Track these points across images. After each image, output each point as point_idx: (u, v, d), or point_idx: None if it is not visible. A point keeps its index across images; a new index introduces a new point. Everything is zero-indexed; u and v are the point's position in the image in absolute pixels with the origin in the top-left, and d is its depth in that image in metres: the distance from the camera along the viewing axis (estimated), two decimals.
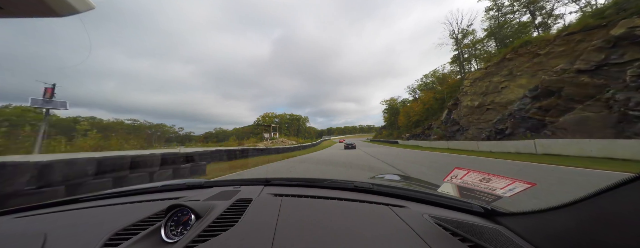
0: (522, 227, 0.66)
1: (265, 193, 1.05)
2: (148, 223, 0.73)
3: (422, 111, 45.19)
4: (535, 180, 5.26)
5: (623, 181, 0.41)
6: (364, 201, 0.92)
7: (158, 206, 0.89)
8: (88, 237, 0.66)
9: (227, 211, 0.79)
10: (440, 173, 6.81)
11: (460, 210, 0.87)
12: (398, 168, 8.48)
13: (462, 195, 1.03)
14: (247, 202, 0.89)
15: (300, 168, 10.00)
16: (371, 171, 8.17)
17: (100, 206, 1.01)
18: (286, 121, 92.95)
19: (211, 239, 0.60)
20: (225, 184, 1.27)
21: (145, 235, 0.64)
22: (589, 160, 8.38)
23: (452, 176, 1.16)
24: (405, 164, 9.87)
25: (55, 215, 0.92)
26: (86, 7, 0.45)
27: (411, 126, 49.12)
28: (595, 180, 5.04)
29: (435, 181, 1.78)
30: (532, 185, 0.86)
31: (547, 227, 0.56)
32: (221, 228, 0.66)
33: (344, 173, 7.54)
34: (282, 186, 1.21)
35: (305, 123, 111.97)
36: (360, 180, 1.20)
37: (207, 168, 9.58)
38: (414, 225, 0.69)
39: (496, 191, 0.93)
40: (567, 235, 0.51)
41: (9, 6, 0.40)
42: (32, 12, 0.42)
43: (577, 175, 5.59)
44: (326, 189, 1.14)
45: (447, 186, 1.15)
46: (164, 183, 1.33)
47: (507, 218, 0.74)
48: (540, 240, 0.58)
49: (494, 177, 0.99)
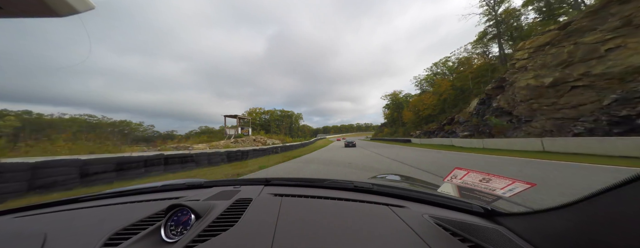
0: (522, 227, 0.66)
1: (265, 193, 1.06)
2: (148, 223, 0.74)
3: (435, 103, 36.95)
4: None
5: (623, 181, 0.41)
6: (364, 201, 0.93)
7: (158, 206, 0.91)
8: (88, 237, 0.67)
9: (227, 211, 0.80)
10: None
11: (460, 210, 0.87)
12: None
13: (462, 195, 1.04)
14: (247, 202, 0.91)
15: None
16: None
17: (100, 206, 1.01)
18: (276, 118, 76.76)
19: (211, 239, 0.61)
20: (225, 184, 1.29)
21: (145, 235, 0.64)
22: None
23: (452, 176, 1.16)
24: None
25: (55, 214, 0.93)
26: (86, 7, 0.45)
27: (420, 121, 41.37)
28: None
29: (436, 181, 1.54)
30: (532, 185, 0.85)
31: (547, 227, 0.57)
32: (221, 228, 0.67)
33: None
34: (282, 186, 1.22)
35: (298, 121, 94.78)
36: (360, 180, 1.20)
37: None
38: (414, 225, 0.69)
39: (496, 192, 0.93)
40: (567, 235, 0.51)
41: (9, 6, 0.40)
42: (32, 12, 0.42)
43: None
44: (326, 189, 1.14)
45: (447, 186, 1.15)
46: (164, 183, 1.35)
47: (507, 218, 0.75)
48: (540, 240, 0.58)
49: (493, 177, 1.00)
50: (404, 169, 7.48)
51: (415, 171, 6.94)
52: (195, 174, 8.53)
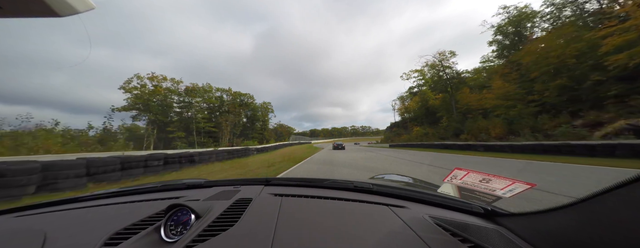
0: (522, 227, 0.67)
1: (265, 193, 1.05)
2: (148, 223, 0.74)
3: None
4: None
5: (623, 182, 0.41)
6: (364, 201, 0.92)
7: (158, 206, 0.91)
8: (88, 237, 0.67)
9: (227, 211, 0.80)
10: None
11: (461, 211, 0.87)
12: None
13: (462, 196, 1.03)
14: (247, 202, 0.91)
15: None
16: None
17: (100, 206, 1.01)
18: (211, 104, 42.37)
19: (211, 239, 0.61)
20: (225, 184, 1.28)
21: (145, 235, 0.64)
22: None
23: (452, 176, 1.15)
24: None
25: (54, 214, 0.93)
26: (86, 7, 0.45)
27: (527, 113, 17.89)
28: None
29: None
30: (532, 186, 0.86)
31: (547, 228, 0.57)
32: (221, 228, 0.67)
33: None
34: (282, 186, 1.22)
35: (267, 116, 57.88)
36: (360, 180, 1.20)
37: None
38: (414, 226, 0.69)
39: (496, 192, 0.93)
40: (567, 235, 0.51)
41: (9, 6, 0.40)
42: (32, 12, 0.41)
43: None
44: (326, 189, 1.14)
45: (447, 186, 1.14)
46: (164, 183, 1.35)
47: (507, 218, 0.75)
48: (540, 240, 0.58)
49: (493, 178, 0.99)
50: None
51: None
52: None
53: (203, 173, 8.87)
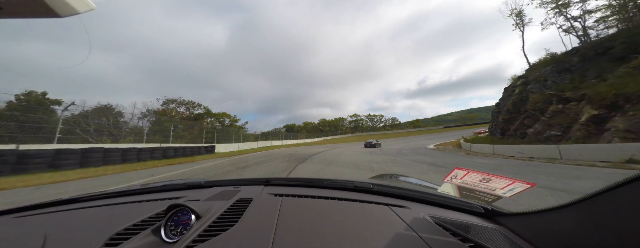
0: (522, 227, 0.67)
1: (265, 193, 1.05)
2: (148, 223, 0.73)
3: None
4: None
5: (622, 181, 0.41)
6: (364, 201, 0.93)
7: (158, 206, 0.90)
8: (88, 237, 0.67)
9: (227, 211, 0.80)
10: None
11: (461, 210, 0.87)
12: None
13: (462, 195, 1.03)
14: (247, 202, 0.91)
15: None
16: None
17: (100, 206, 1.01)
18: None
19: (211, 239, 0.61)
20: (226, 184, 1.28)
21: (145, 235, 0.64)
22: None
23: (452, 176, 1.16)
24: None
25: (55, 215, 0.93)
26: (86, 7, 0.45)
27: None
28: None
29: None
30: (532, 185, 0.86)
31: (547, 227, 0.57)
32: (221, 228, 0.67)
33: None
34: (282, 186, 1.22)
35: (191, 107, 43.77)
36: (360, 180, 1.20)
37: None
38: (414, 225, 0.69)
39: (496, 192, 0.93)
40: (567, 235, 0.51)
41: (9, 6, 0.40)
42: (32, 12, 0.41)
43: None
44: (326, 189, 1.14)
45: (447, 186, 1.14)
46: (164, 183, 1.36)
47: (507, 218, 0.75)
48: (540, 240, 0.59)
49: (494, 177, 1.00)
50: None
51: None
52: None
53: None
